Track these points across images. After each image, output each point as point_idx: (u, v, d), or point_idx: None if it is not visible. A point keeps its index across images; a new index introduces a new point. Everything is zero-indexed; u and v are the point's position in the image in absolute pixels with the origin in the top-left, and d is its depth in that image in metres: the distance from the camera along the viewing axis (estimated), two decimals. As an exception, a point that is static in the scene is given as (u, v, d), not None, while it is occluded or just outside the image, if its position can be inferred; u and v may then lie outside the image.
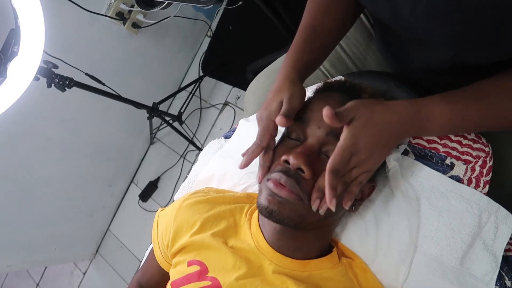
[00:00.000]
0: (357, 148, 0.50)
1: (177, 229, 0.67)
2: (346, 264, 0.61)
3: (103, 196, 2.07)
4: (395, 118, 0.51)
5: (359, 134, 0.50)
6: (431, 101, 0.53)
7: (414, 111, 0.52)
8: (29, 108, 1.43)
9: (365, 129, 0.50)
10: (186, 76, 2.08)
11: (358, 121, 0.50)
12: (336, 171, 0.50)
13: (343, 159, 0.50)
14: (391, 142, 0.53)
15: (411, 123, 0.52)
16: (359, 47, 0.85)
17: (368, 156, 0.51)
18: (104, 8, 1.51)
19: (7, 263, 1.80)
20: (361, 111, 0.50)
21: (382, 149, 0.52)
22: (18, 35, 0.90)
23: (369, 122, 0.50)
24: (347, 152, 0.50)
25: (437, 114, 0.52)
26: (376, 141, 0.51)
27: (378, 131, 0.51)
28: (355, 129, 0.50)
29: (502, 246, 0.59)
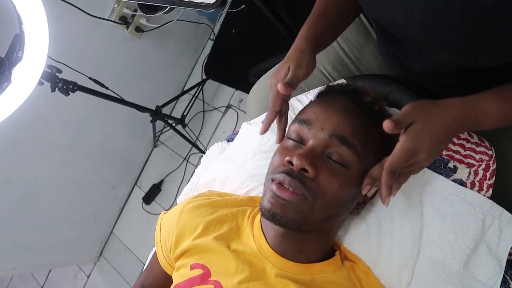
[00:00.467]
0: (416, 150, 0.51)
1: (180, 233, 0.67)
2: (349, 268, 0.61)
3: (107, 199, 2.08)
4: (451, 118, 0.52)
5: (419, 137, 0.51)
6: (484, 97, 0.54)
7: (468, 110, 0.53)
8: (33, 113, 1.44)
9: (425, 132, 0.51)
10: (189, 79, 2.09)
11: (417, 124, 0.51)
12: (393, 172, 0.51)
13: (402, 161, 0.51)
14: (447, 140, 0.54)
15: (466, 121, 0.53)
16: (361, 50, 0.85)
17: (426, 156, 0.52)
18: (107, 13, 1.52)
19: (12, 266, 1.81)
20: (419, 115, 0.51)
21: (439, 148, 0.53)
22: (23, 40, 0.90)
23: (428, 124, 0.51)
24: (406, 154, 0.51)
25: (490, 110, 0.53)
26: (435, 142, 0.52)
27: (436, 133, 0.52)
28: (415, 132, 0.51)
29: (507, 250, 0.59)
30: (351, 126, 0.56)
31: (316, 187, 0.53)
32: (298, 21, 1.43)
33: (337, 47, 0.85)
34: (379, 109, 0.61)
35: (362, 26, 0.84)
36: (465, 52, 0.54)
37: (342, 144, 0.55)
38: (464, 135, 0.62)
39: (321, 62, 0.86)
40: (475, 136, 0.63)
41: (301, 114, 0.61)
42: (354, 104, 0.59)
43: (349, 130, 0.55)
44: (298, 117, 0.60)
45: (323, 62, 0.86)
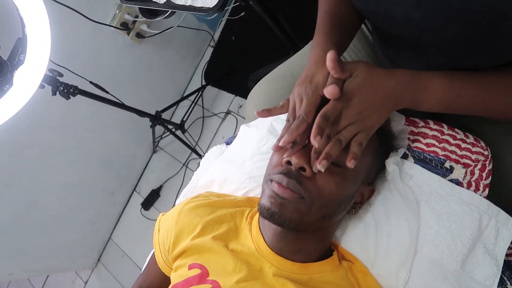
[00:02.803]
0: (349, 103, 0.51)
1: (178, 233, 0.67)
2: (346, 268, 0.61)
3: (105, 204, 2.08)
4: (393, 82, 0.53)
5: (354, 89, 0.51)
6: (430, 73, 0.54)
7: (412, 79, 0.53)
8: (34, 116, 1.44)
9: (361, 86, 0.51)
10: (189, 85, 2.11)
11: (356, 78, 0.51)
12: (326, 116, 0.50)
13: (334, 108, 0.50)
14: (385, 104, 0.53)
15: (407, 89, 0.53)
16: (358, 53, 0.86)
17: (358, 111, 0.51)
18: (109, 19, 1.54)
19: (9, 272, 1.79)
20: (360, 68, 0.52)
21: (376, 109, 0.53)
22: (25, 44, 0.92)
23: (367, 80, 0.51)
24: (339, 103, 0.51)
25: (434, 85, 0.53)
26: (370, 100, 0.52)
27: (373, 91, 0.52)
28: (350, 84, 0.51)
29: (504, 250, 0.59)
30: None
31: (313, 187, 0.54)
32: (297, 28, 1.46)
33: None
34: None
35: (360, 30, 0.86)
36: (461, 54, 0.55)
37: None
38: (460, 135, 0.63)
39: None
40: (471, 136, 0.64)
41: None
42: None
43: None
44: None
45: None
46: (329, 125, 0.51)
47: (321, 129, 0.50)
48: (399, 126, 0.67)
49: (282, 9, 1.53)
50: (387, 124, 0.63)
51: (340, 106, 0.51)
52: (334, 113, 0.51)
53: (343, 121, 0.52)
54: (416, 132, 0.66)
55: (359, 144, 0.53)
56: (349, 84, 0.52)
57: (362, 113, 0.52)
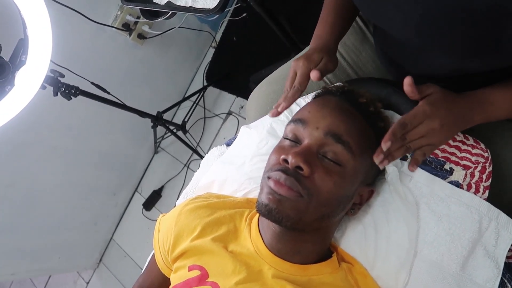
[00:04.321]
0: (432, 114, 0.52)
1: (178, 234, 0.68)
2: (346, 269, 0.61)
3: (107, 205, 2.08)
4: (465, 103, 0.55)
5: (438, 103, 0.52)
6: (493, 88, 0.56)
7: (479, 98, 0.56)
8: (36, 117, 1.45)
9: (444, 102, 0.53)
10: (190, 86, 2.11)
11: (438, 94, 0.53)
12: (404, 124, 0.51)
13: (415, 118, 0.52)
14: (457, 124, 0.55)
15: (477, 109, 0.56)
16: (359, 54, 0.86)
17: (439, 127, 0.52)
18: (110, 19, 1.54)
19: (11, 272, 1.80)
20: (435, 89, 0.54)
21: (448, 128, 0.54)
22: (27, 45, 0.92)
23: (444, 101, 0.53)
24: (422, 113, 0.52)
25: (499, 99, 0.56)
26: (447, 119, 0.53)
27: (449, 111, 0.53)
28: (434, 98, 0.53)
29: (504, 253, 0.59)
30: (346, 124, 0.56)
31: (311, 185, 0.54)
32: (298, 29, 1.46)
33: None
34: (375, 110, 0.61)
35: (360, 30, 0.86)
36: (461, 56, 0.55)
37: (337, 143, 0.55)
38: (459, 137, 0.63)
39: None
40: (471, 138, 0.63)
41: (297, 114, 0.62)
42: (349, 104, 0.60)
43: (343, 128, 0.56)
44: (294, 117, 0.61)
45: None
46: (403, 131, 0.52)
47: (394, 135, 0.51)
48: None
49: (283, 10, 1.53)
50: (386, 125, 0.63)
51: (422, 117, 0.52)
52: (413, 123, 0.52)
53: (417, 132, 0.53)
54: (416, 134, 0.65)
55: (423, 155, 0.55)
56: (432, 98, 0.53)
57: (436, 129, 0.53)
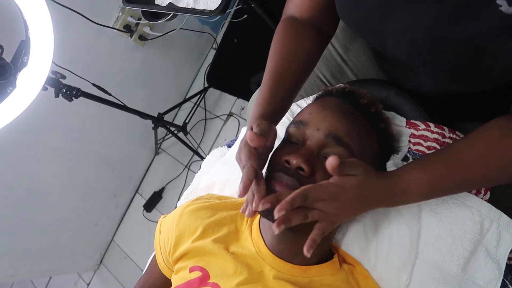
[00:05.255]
0: (338, 197, 0.50)
1: (179, 235, 0.68)
2: (347, 271, 0.61)
3: (108, 206, 2.08)
4: (376, 190, 0.52)
5: (348, 189, 0.50)
6: (408, 172, 0.54)
7: (392, 185, 0.53)
8: (37, 118, 1.45)
9: (355, 189, 0.50)
10: (191, 87, 2.11)
11: (355, 179, 0.51)
12: (305, 196, 0.48)
13: (318, 194, 0.49)
14: (362, 208, 0.54)
15: (388, 198, 0.54)
16: (360, 58, 0.86)
17: (337, 210, 0.50)
18: (112, 21, 1.55)
19: (12, 273, 1.80)
20: (361, 172, 0.51)
21: (353, 209, 0.53)
22: (28, 46, 0.92)
23: (361, 185, 0.51)
24: (327, 193, 0.49)
25: (414, 185, 0.53)
26: (353, 201, 0.51)
27: (360, 196, 0.51)
28: (349, 183, 0.50)
29: (506, 254, 0.58)
30: (347, 126, 0.56)
31: None
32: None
33: (336, 55, 0.86)
34: (376, 111, 0.61)
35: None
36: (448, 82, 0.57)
37: (338, 144, 0.55)
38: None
39: (320, 70, 0.87)
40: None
41: (298, 116, 0.62)
42: (350, 105, 0.60)
43: (344, 130, 0.56)
44: (295, 119, 0.61)
45: (322, 70, 0.87)
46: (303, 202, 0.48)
47: (291, 204, 0.47)
48: (400, 128, 0.67)
49: (284, 11, 1.54)
50: (387, 126, 0.63)
51: (327, 194, 0.49)
52: (314, 197, 0.49)
53: (320, 205, 0.49)
54: (417, 135, 0.65)
55: (322, 233, 0.51)
56: (347, 181, 0.50)
57: (340, 209, 0.51)
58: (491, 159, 0.53)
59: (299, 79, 0.66)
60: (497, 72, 0.49)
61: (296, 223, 0.48)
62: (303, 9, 0.68)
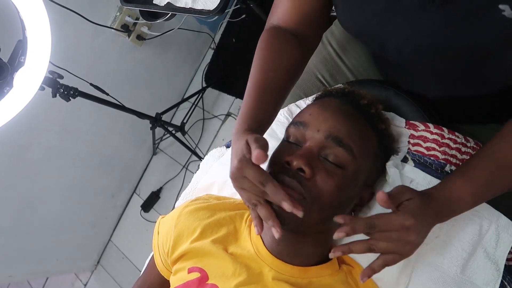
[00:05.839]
0: (412, 226, 0.48)
1: (178, 236, 0.67)
2: (346, 272, 0.61)
3: (106, 206, 2.07)
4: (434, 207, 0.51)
5: (419, 213, 0.49)
6: (456, 183, 0.53)
7: (445, 197, 0.52)
8: (34, 118, 1.44)
9: (423, 209, 0.49)
10: (189, 87, 2.11)
11: (415, 201, 0.49)
12: (372, 226, 0.48)
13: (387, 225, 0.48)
14: (429, 230, 0.52)
15: (443, 209, 0.53)
16: (359, 59, 0.86)
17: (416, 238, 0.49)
18: (109, 21, 1.54)
19: (9, 274, 1.79)
20: (414, 194, 0.50)
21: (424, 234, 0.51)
22: (25, 46, 0.92)
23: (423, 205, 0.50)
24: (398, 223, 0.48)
25: (463, 195, 0.52)
26: (427, 225, 0.50)
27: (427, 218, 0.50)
28: (414, 207, 0.49)
29: (504, 255, 0.59)
30: (347, 127, 0.56)
31: (313, 187, 0.53)
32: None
33: (334, 55, 0.86)
34: (376, 112, 0.61)
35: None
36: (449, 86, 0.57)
37: (338, 146, 0.55)
38: (460, 139, 0.63)
39: (319, 70, 0.87)
40: (472, 140, 0.64)
41: (297, 116, 0.62)
42: (350, 106, 0.60)
43: (345, 131, 0.56)
44: (294, 120, 0.61)
45: (321, 71, 0.87)
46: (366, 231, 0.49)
47: (353, 230, 0.47)
48: (400, 129, 0.67)
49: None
50: (387, 127, 0.63)
51: (395, 227, 0.48)
52: (382, 228, 0.48)
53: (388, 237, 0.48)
54: (417, 136, 0.65)
55: (384, 265, 0.50)
56: (408, 209, 0.49)
57: (417, 238, 0.49)
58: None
59: (283, 91, 0.63)
60: (501, 76, 0.50)
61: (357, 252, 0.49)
62: (288, 19, 0.66)
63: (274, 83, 0.61)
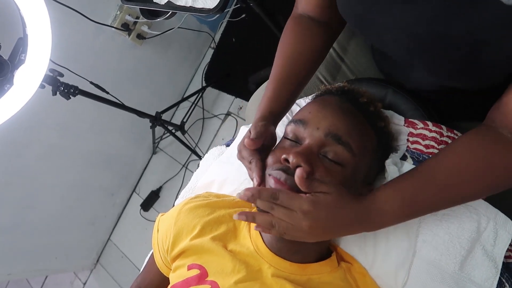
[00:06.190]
0: (307, 214, 0.50)
1: (177, 233, 0.67)
2: (345, 269, 0.61)
3: (105, 205, 2.08)
4: (351, 212, 0.52)
5: (322, 207, 0.50)
6: (380, 194, 0.53)
7: (366, 206, 0.52)
8: (34, 116, 1.45)
9: (328, 208, 0.50)
10: (189, 86, 2.11)
11: (328, 197, 0.51)
12: (274, 196, 0.50)
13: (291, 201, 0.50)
14: (335, 231, 0.53)
15: (363, 218, 0.52)
16: (359, 59, 0.87)
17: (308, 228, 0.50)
18: (110, 19, 1.54)
19: (8, 272, 1.79)
20: (332, 190, 0.51)
21: (325, 230, 0.52)
22: (26, 44, 0.92)
23: (333, 205, 0.51)
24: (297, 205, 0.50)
25: (388, 206, 0.52)
26: (328, 223, 0.51)
27: (334, 218, 0.51)
28: (322, 200, 0.50)
29: (502, 252, 0.59)
30: (346, 125, 0.57)
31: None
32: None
33: (335, 55, 0.87)
34: (375, 110, 0.62)
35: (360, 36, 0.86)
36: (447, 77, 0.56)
37: (338, 143, 0.55)
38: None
39: (320, 71, 0.87)
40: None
41: (297, 114, 0.62)
42: (349, 104, 0.60)
43: (344, 129, 0.56)
44: (294, 118, 0.61)
45: (321, 70, 0.87)
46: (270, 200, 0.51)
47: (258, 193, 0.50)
48: (399, 127, 0.67)
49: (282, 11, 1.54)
50: (386, 124, 0.64)
51: (294, 206, 0.50)
52: (284, 203, 0.50)
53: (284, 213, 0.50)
54: (415, 134, 0.66)
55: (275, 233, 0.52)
56: (313, 199, 0.50)
57: (311, 227, 0.50)
58: (462, 174, 0.51)
59: (303, 79, 0.68)
60: (499, 65, 0.49)
61: (259, 223, 0.52)
62: (310, 6, 0.69)
63: (292, 73, 0.66)
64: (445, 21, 0.48)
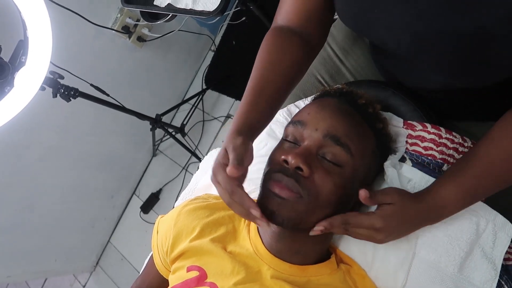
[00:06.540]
0: (380, 230, 0.54)
1: (177, 235, 0.67)
2: (344, 271, 0.62)
3: (105, 207, 2.07)
4: (417, 212, 0.56)
5: (389, 220, 0.54)
6: (443, 189, 0.56)
7: (429, 206, 0.56)
8: (34, 118, 1.45)
9: (396, 218, 0.55)
10: (189, 89, 2.11)
11: (394, 207, 0.55)
12: (346, 222, 0.55)
13: (361, 226, 0.55)
14: (408, 231, 0.58)
15: (431, 216, 0.57)
16: (358, 60, 0.87)
17: (384, 237, 0.55)
18: (110, 22, 1.55)
19: (7, 274, 1.79)
20: (396, 199, 0.55)
21: (399, 234, 0.57)
22: (26, 46, 0.92)
23: (399, 213, 0.55)
24: (370, 227, 0.54)
25: (451, 200, 0.55)
26: (399, 229, 0.56)
27: (403, 223, 0.56)
28: (388, 214, 0.55)
29: (501, 254, 0.59)
30: (345, 126, 0.57)
31: (311, 186, 0.54)
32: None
33: (334, 56, 0.87)
34: (374, 111, 0.62)
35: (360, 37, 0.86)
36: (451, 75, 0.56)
37: (336, 144, 0.56)
38: (457, 139, 0.64)
39: (319, 71, 0.87)
40: (469, 140, 0.64)
41: (296, 116, 0.62)
42: (348, 106, 0.60)
43: (342, 130, 0.56)
44: (293, 119, 0.61)
45: (321, 71, 0.87)
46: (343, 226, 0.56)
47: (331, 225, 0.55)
48: (397, 129, 0.67)
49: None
50: (385, 126, 0.64)
51: (368, 229, 0.55)
52: (355, 226, 0.56)
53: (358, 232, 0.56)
54: (414, 136, 0.66)
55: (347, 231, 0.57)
56: (382, 213, 0.55)
57: (385, 238, 0.56)
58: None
59: (281, 92, 0.63)
60: (505, 61, 0.48)
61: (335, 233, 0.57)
62: (291, 18, 0.65)
63: (270, 86, 0.61)
64: (448, 17, 0.47)
